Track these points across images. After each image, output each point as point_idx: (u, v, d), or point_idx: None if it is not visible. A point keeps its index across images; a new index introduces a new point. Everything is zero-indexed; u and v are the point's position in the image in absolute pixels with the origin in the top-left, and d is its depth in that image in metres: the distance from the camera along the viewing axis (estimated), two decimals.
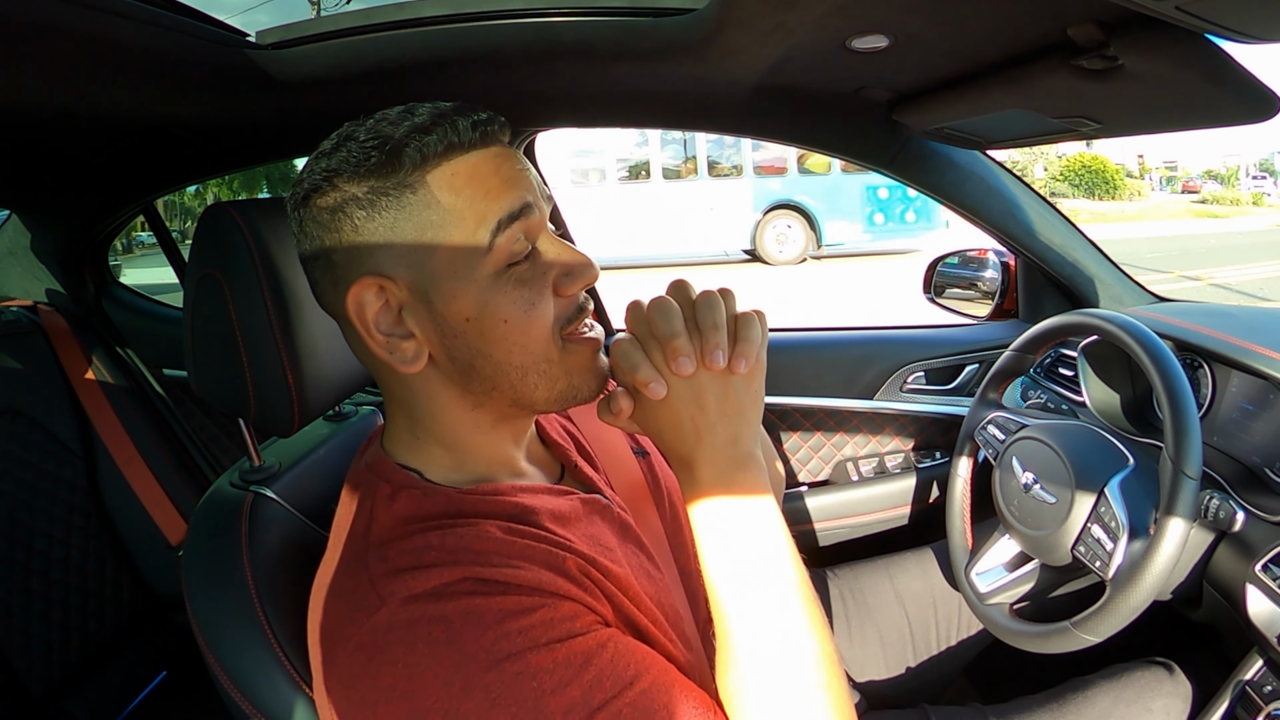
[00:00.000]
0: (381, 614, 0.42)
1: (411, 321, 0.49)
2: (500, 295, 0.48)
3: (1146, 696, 0.79)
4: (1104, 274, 1.20)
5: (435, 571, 0.43)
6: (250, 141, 1.20)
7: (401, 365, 0.49)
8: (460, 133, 0.47)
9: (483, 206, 0.47)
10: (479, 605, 0.42)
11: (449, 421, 0.52)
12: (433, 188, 0.47)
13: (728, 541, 0.48)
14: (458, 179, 0.47)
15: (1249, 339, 0.87)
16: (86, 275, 1.47)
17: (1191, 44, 0.57)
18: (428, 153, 0.46)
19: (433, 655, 0.41)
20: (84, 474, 1.29)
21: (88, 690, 1.20)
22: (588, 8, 0.80)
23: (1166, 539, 0.68)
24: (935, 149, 1.13)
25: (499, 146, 0.50)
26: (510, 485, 0.53)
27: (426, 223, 0.47)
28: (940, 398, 1.32)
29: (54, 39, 0.65)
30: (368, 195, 0.47)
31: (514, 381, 0.50)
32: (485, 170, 0.48)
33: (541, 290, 0.49)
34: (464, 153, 0.48)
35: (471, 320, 0.48)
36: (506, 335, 0.48)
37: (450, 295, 0.48)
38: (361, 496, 0.51)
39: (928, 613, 1.01)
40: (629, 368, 0.49)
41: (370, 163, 0.47)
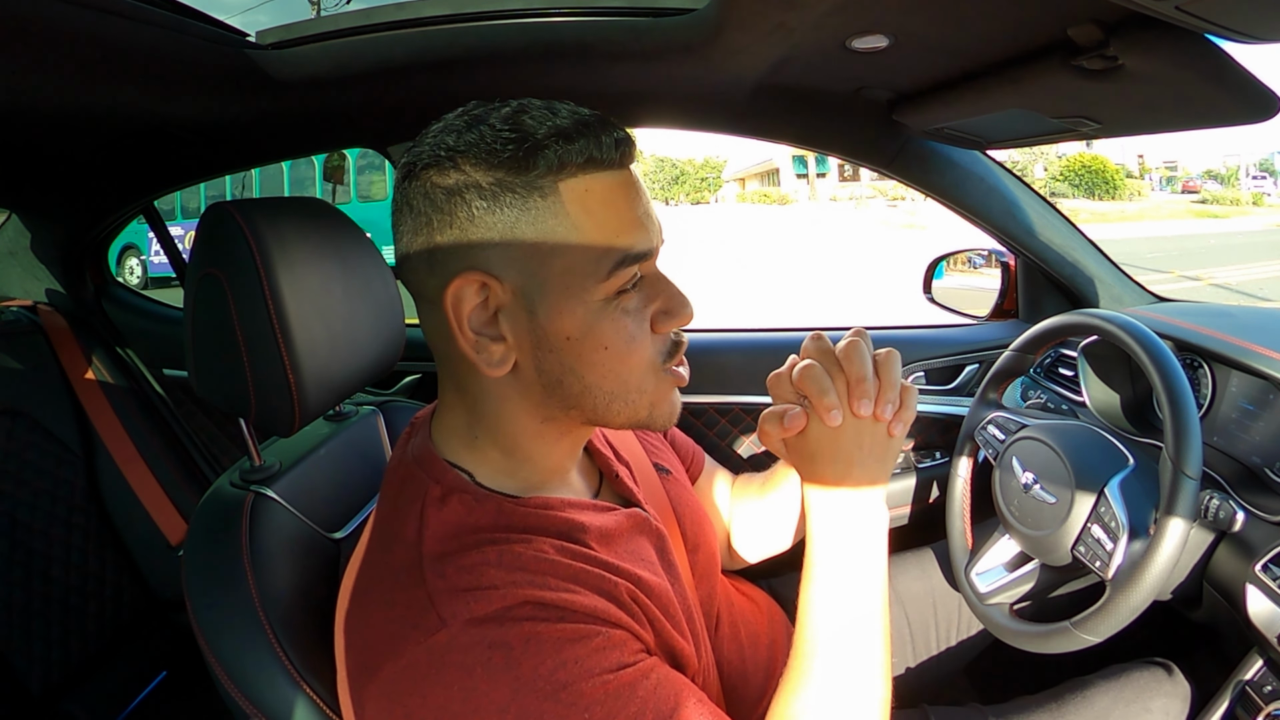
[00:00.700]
0: (441, 635, 0.42)
1: (507, 326, 0.47)
2: (606, 322, 0.48)
3: (1145, 696, 0.79)
4: (1104, 274, 1.20)
5: (496, 594, 0.43)
6: (250, 141, 1.19)
7: (486, 367, 0.48)
8: (603, 149, 0.46)
9: (613, 235, 0.46)
10: (539, 632, 0.42)
11: (514, 429, 0.52)
12: (564, 198, 0.45)
13: (842, 572, 0.53)
14: (591, 197, 0.46)
15: (1249, 339, 0.87)
16: (86, 275, 1.47)
17: (1191, 44, 0.57)
18: (567, 160, 0.45)
19: (490, 681, 0.41)
20: (84, 474, 1.29)
21: (88, 690, 1.20)
22: (588, 8, 0.80)
23: (1166, 539, 0.68)
24: (935, 149, 1.13)
25: (630, 171, 0.49)
26: (560, 500, 0.53)
27: (549, 231, 0.45)
28: (940, 398, 1.32)
29: (54, 39, 0.65)
30: (492, 186, 0.45)
31: (599, 405, 0.50)
32: (620, 197, 0.47)
33: (642, 324, 0.50)
34: (601, 170, 0.46)
35: (572, 340, 0.47)
36: (603, 361, 0.48)
37: (557, 310, 0.47)
38: (408, 496, 0.50)
39: (927, 613, 1.01)
40: (818, 390, 0.53)
41: (504, 154, 0.45)
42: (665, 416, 0.53)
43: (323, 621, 0.62)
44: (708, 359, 1.35)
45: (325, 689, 0.56)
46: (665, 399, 0.53)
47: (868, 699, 0.50)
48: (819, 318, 6.69)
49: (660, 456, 0.74)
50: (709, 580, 0.68)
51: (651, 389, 0.51)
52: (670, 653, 0.51)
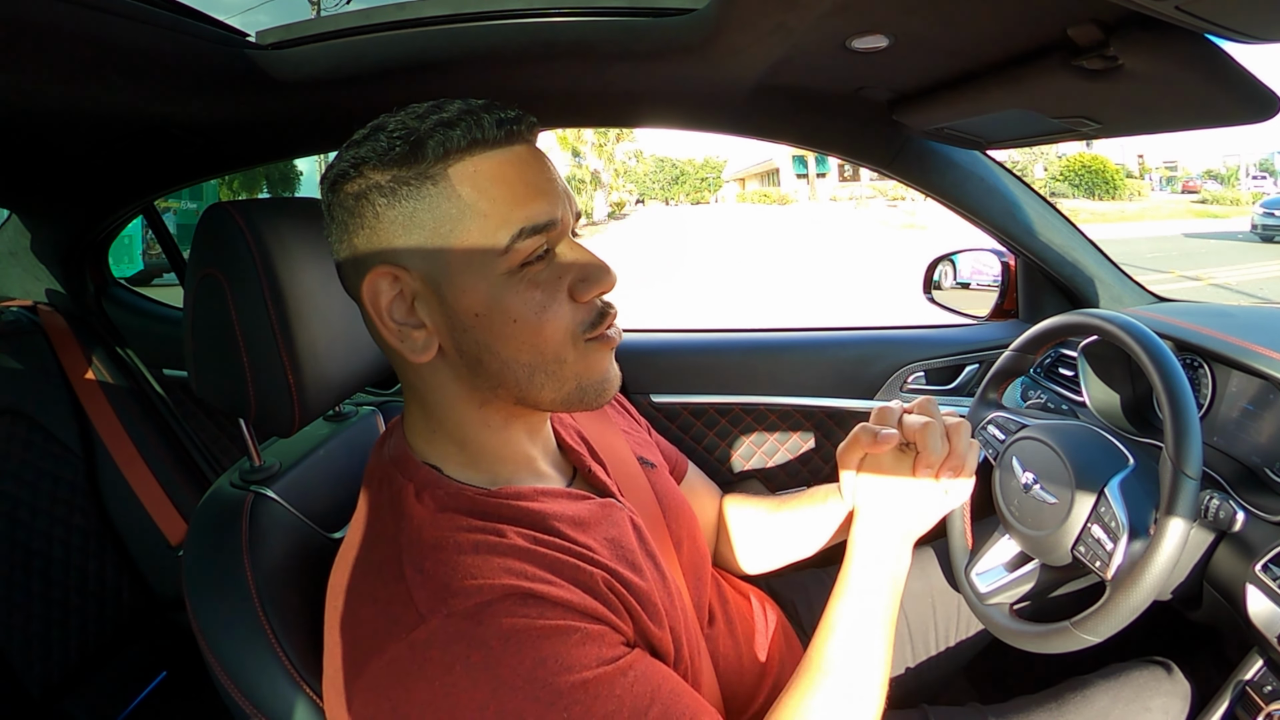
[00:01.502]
0: (421, 631, 0.43)
1: (423, 312, 0.49)
2: (511, 294, 0.48)
3: (1145, 695, 0.79)
4: (1104, 274, 1.20)
5: (473, 586, 0.44)
6: (250, 141, 1.20)
7: (411, 354, 0.50)
8: (485, 129, 0.48)
9: (506, 210, 0.48)
10: (518, 628, 0.43)
11: (458, 417, 0.53)
12: (454, 181, 0.47)
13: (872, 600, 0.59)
14: (480, 176, 0.48)
15: (1249, 339, 0.87)
16: (86, 275, 1.47)
17: (1191, 44, 0.57)
18: (450, 146, 0.47)
19: (470, 679, 0.41)
20: (84, 474, 1.29)
21: (88, 690, 1.20)
22: (588, 8, 0.80)
23: (1166, 539, 0.68)
24: (935, 149, 1.13)
25: (526, 146, 0.50)
26: (532, 489, 0.53)
27: (444, 215, 0.47)
28: (940, 398, 1.32)
29: (54, 39, 0.65)
30: (390, 184, 0.48)
31: (520, 380, 0.50)
32: (510, 172, 0.49)
33: (555, 294, 0.50)
34: (488, 149, 0.48)
35: (480, 316, 0.48)
36: (515, 334, 0.49)
37: (461, 289, 0.48)
38: (386, 493, 0.51)
39: (926, 613, 1.01)
40: (932, 452, 0.60)
41: (395, 152, 0.47)
42: (596, 389, 0.52)
43: (322, 621, 0.62)
44: (707, 359, 1.35)
45: None
46: (593, 370, 0.52)
47: (870, 712, 0.56)
48: (819, 318, 6.69)
49: (645, 451, 0.74)
50: (698, 574, 0.69)
51: (573, 359, 0.51)
52: (648, 642, 0.51)
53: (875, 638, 0.58)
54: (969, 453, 0.62)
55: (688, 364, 1.34)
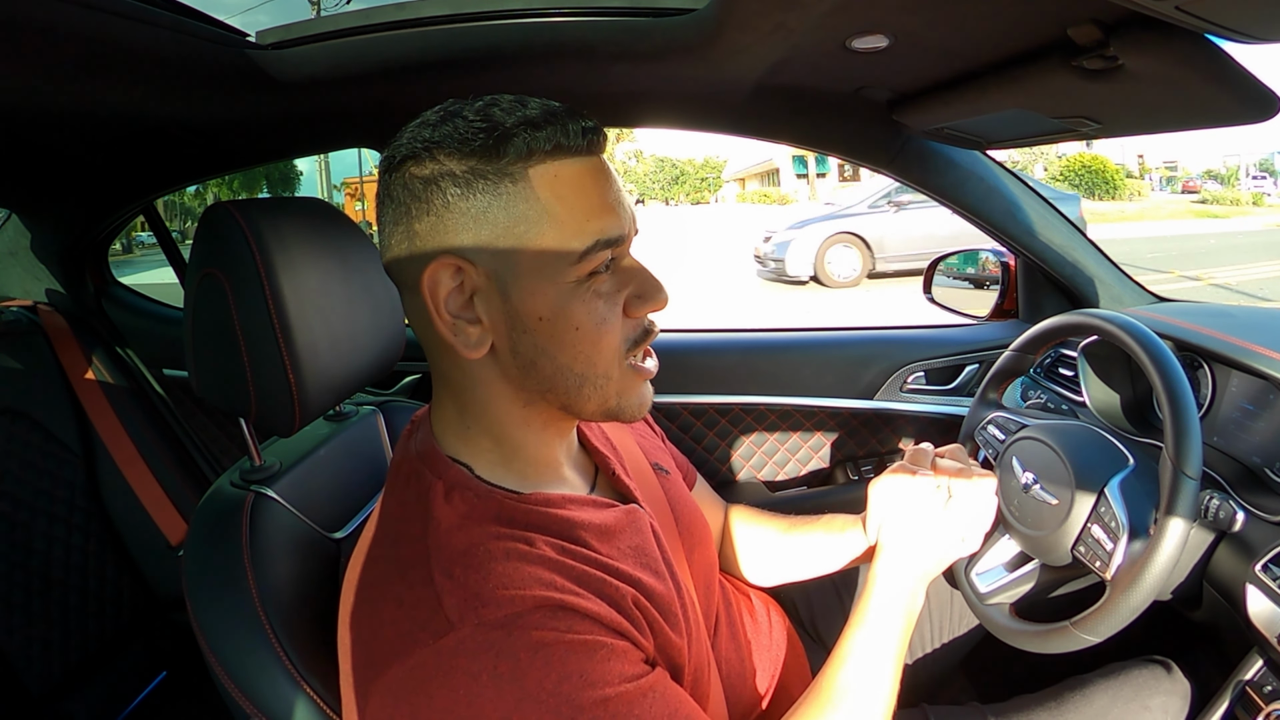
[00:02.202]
0: (450, 638, 0.42)
1: (482, 308, 0.49)
2: (578, 303, 0.49)
3: (1144, 694, 0.79)
4: (1104, 274, 1.20)
5: (504, 596, 0.43)
6: (250, 141, 1.20)
7: (464, 349, 0.49)
8: (570, 136, 0.48)
9: (584, 219, 0.48)
10: (546, 641, 0.42)
11: (499, 414, 0.53)
12: (534, 183, 0.47)
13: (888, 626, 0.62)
14: (560, 182, 0.48)
15: (1249, 339, 0.87)
16: (86, 275, 1.47)
17: (1191, 44, 0.57)
18: (535, 147, 0.47)
19: (496, 689, 0.41)
20: (84, 474, 1.29)
21: (88, 690, 1.20)
22: (588, 8, 0.80)
23: (1166, 539, 0.68)
24: (935, 149, 1.13)
25: (600, 159, 0.51)
26: (560, 496, 0.53)
27: (521, 215, 0.47)
28: (940, 398, 1.32)
29: (54, 39, 0.65)
30: (465, 174, 0.47)
31: (570, 388, 0.51)
32: (589, 183, 0.49)
33: (614, 307, 0.51)
34: (569, 156, 0.48)
35: (545, 320, 0.48)
36: (575, 342, 0.49)
37: (529, 291, 0.48)
38: (413, 492, 0.51)
39: (921, 609, 1.01)
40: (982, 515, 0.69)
41: (475, 143, 0.46)
42: (634, 407, 0.54)
43: (323, 621, 0.62)
44: (707, 359, 1.35)
45: (325, 689, 0.56)
46: (633, 389, 0.54)
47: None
48: (819, 318, 6.69)
49: (658, 457, 0.74)
50: (707, 580, 0.69)
51: (618, 376, 0.52)
52: (667, 653, 0.51)
53: (886, 670, 0.60)
54: (992, 506, 0.69)
55: (688, 364, 1.34)
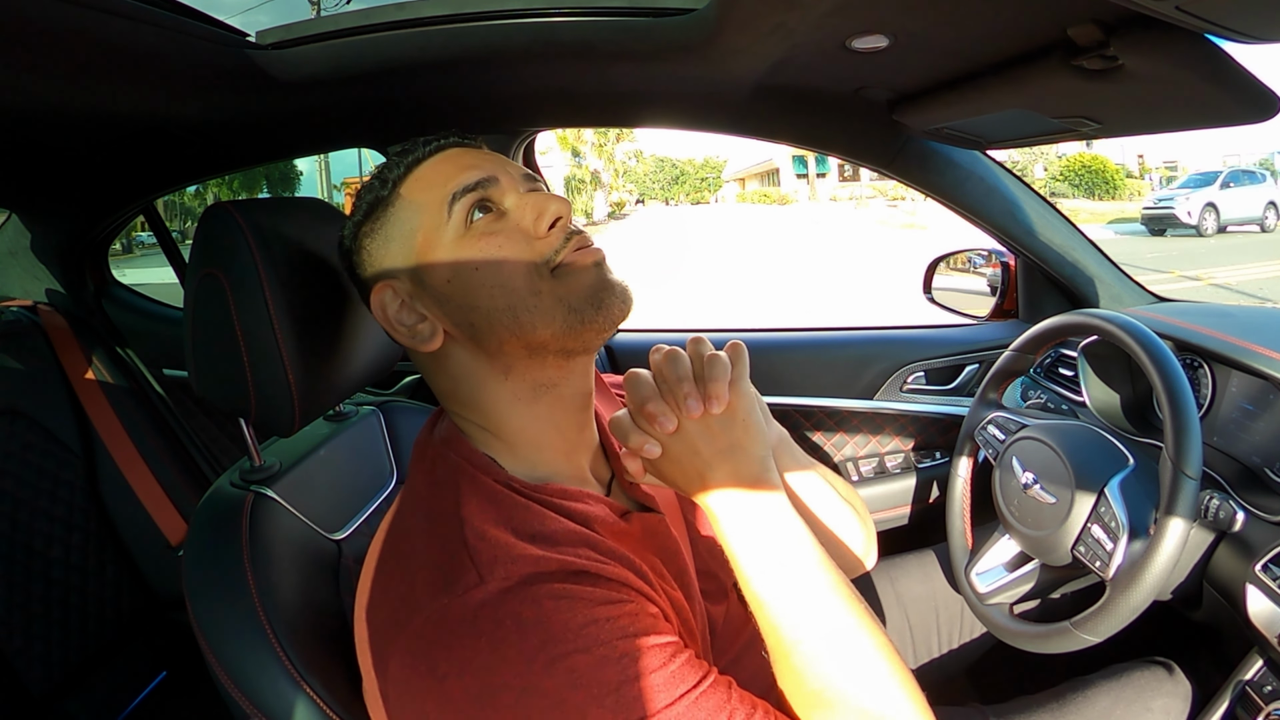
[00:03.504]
0: (478, 592, 0.43)
1: (420, 306, 0.55)
2: (467, 248, 0.53)
3: (1146, 696, 0.79)
4: (1104, 274, 1.20)
5: (535, 556, 0.45)
6: (250, 141, 1.20)
7: (423, 345, 0.54)
8: (419, 148, 0.57)
9: (441, 190, 0.54)
10: (571, 591, 0.43)
11: (488, 400, 0.55)
12: (404, 195, 0.56)
13: (758, 563, 0.50)
14: (420, 180, 0.56)
15: (1249, 339, 0.87)
16: (86, 275, 1.47)
17: (1191, 44, 0.57)
18: (394, 175, 0.56)
19: (520, 632, 0.41)
20: (84, 474, 1.29)
21: (88, 690, 1.20)
22: (588, 8, 0.80)
23: (1166, 539, 0.68)
24: (935, 149, 1.13)
25: (456, 147, 0.58)
26: (577, 490, 0.53)
27: (403, 221, 0.55)
28: (940, 398, 1.32)
29: (54, 39, 0.65)
30: (369, 226, 0.57)
31: (509, 325, 0.52)
32: (443, 166, 0.56)
33: (511, 236, 0.53)
34: (422, 162, 0.56)
35: (451, 280, 0.53)
36: (483, 280, 0.52)
37: (431, 268, 0.54)
38: (442, 472, 0.53)
39: (929, 617, 1.00)
40: (622, 438, 0.54)
41: (367, 202, 0.57)
42: (590, 302, 0.51)
43: (323, 621, 0.62)
44: None
45: (325, 689, 0.56)
46: (576, 287, 0.52)
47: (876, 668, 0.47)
48: (819, 317, 6.69)
49: None
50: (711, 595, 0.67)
51: (548, 288, 0.52)
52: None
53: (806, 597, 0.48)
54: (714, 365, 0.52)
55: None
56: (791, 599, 0.48)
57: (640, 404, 0.52)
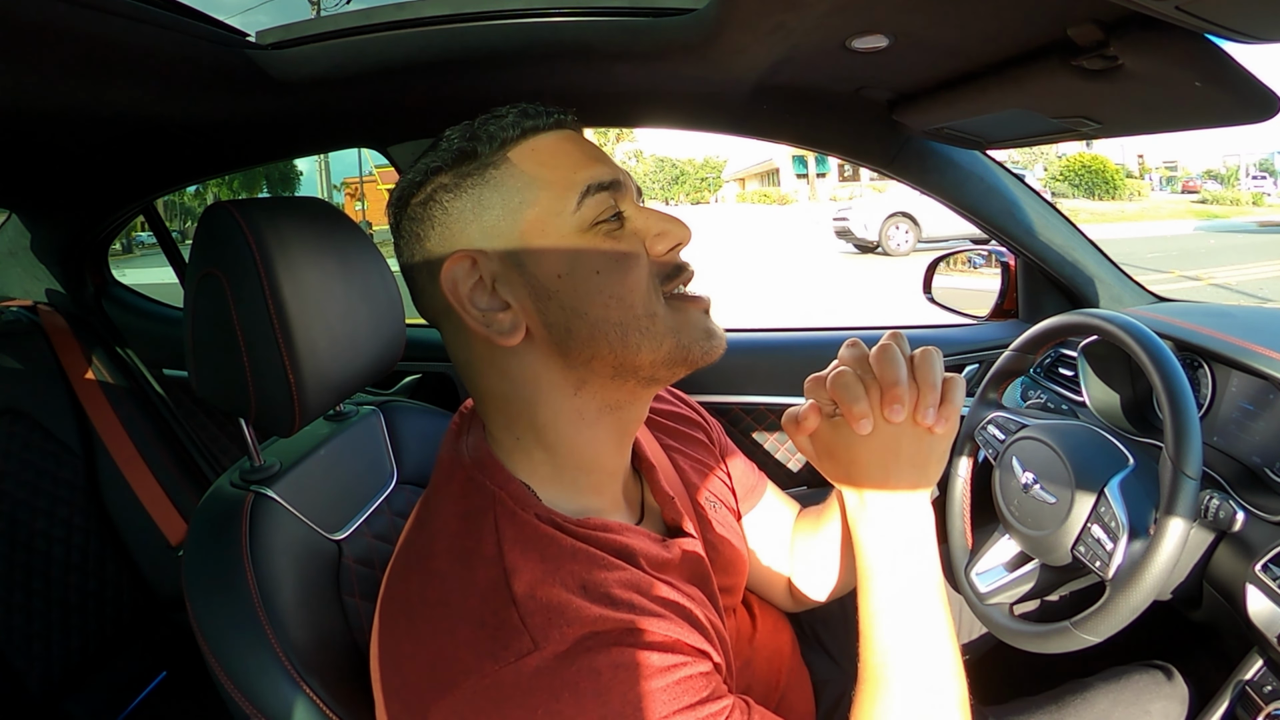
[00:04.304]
0: (533, 659, 0.41)
1: (506, 291, 0.49)
2: (590, 248, 0.48)
3: (1145, 699, 0.79)
4: (1104, 274, 1.20)
5: (590, 617, 0.43)
6: (250, 141, 1.20)
7: (500, 337, 0.49)
8: (535, 115, 0.51)
9: (569, 174, 0.49)
10: (628, 659, 0.42)
11: (549, 412, 0.51)
12: (515, 162, 0.49)
13: (893, 581, 0.52)
14: (539, 153, 0.50)
15: (1249, 339, 0.87)
16: (86, 275, 1.47)
17: (1191, 44, 0.56)
18: (505, 135, 0.50)
19: (578, 706, 0.40)
20: (84, 474, 1.29)
21: (88, 690, 1.20)
22: (588, 8, 0.80)
23: (1166, 539, 0.68)
24: (935, 149, 1.13)
25: (575, 132, 0.53)
26: (618, 524, 0.52)
27: (512, 190, 0.49)
28: None
29: (54, 39, 0.65)
30: (454, 179, 0.50)
31: (613, 342, 0.48)
32: (568, 146, 0.51)
33: (633, 247, 0.50)
34: (541, 132, 0.51)
35: (564, 276, 0.48)
36: (601, 287, 0.48)
37: (540, 254, 0.48)
38: (476, 506, 0.49)
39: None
40: (849, 399, 0.51)
41: (454, 151, 0.50)
42: (700, 344, 0.51)
43: (323, 622, 0.62)
44: None
45: (325, 689, 0.56)
46: (690, 324, 0.51)
47: (946, 701, 0.50)
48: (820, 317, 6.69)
49: (712, 487, 0.70)
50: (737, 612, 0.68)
51: (664, 313, 0.50)
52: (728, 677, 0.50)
53: (920, 621, 0.51)
54: (952, 388, 0.53)
55: None
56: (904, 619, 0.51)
57: (891, 384, 0.51)
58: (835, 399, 0.53)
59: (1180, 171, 29.05)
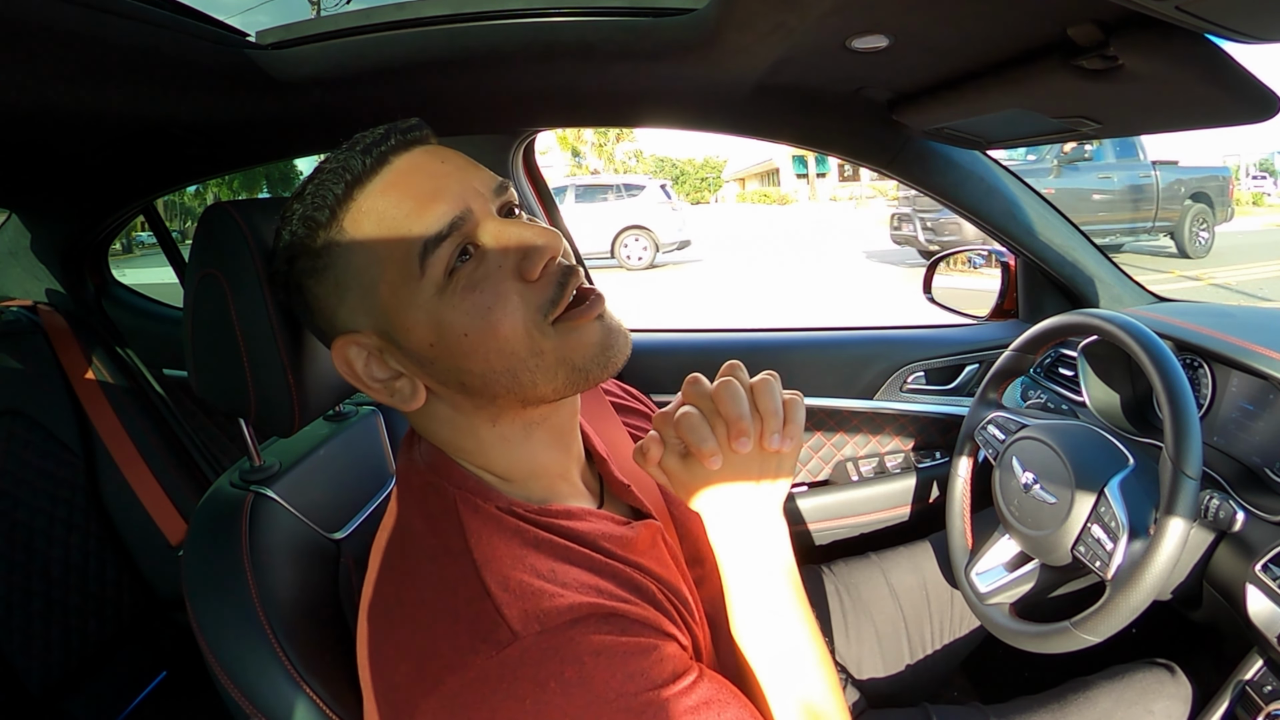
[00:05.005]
0: (514, 649, 0.41)
1: (394, 363, 0.49)
2: (450, 310, 0.46)
3: (1148, 698, 0.79)
4: (1104, 274, 1.20)
5: (565, 605, 0.43)
6: (250, 141, 1.19)
7: (405, 404, 0.50)
8: (353, 167, 0.47)
9: (406, 230, 0.46)
10: (608, 645, 0.43)
11: (475, 444, 0.52)
12: (350, 233, 0.47)
13: (753, 587, 0.53)
14: (371, 214, 0.47)
15: (1249, 339, 0.87)
16: (86, 275, 1.47)
17: (1191, 44, 0.56)
18: (333, 202, 0.47)
19: (564, 695, 0.40)
20: (84, 474, 1.29)
21: (88, 690, 1.20)
22: (588, 8, 0.80)
23: (1166, 539, 0.68)
24: (935, 149, 1.13)
25: (403, 157, 0.48)
26: (579, 509, 0.52)
27: (360, 269, 0.47)
28: (940, 398, 1.32)
29: (54, 39, 0.65)
30: (310, 263, 0.49)
31: (508, 385, 0.48)
32: (394, 196, 0.47)
33: (499, 287, 0.47)
34: (364, 185, 0.47)
35: (435, 344, 0.47)
36: (475, 347, 0.46)
37: (406, 328, 0.47)
38: (438, 505, 0.49)
39: (921, 606, 1.01)
40: (698, 440, 0.51)
41: (299, 235, 0.48)
42: (597, 362, 0.49)
43: (323, 622, 0.62)
44: (707, 359, 1.35)
45: (325, 689, 0.56)
46: (581, 346, 0.49)
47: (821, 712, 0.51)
48: (819, 317, 6.69)
49: None
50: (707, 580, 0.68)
51: (551, 345, 0.48)
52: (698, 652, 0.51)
53: (787, 636, 0.52)
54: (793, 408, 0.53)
55: (688, 364, 1.34)
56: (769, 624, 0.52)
57: (736, 419, 0.50)
58: (684, 440, 0.52)
59: None
